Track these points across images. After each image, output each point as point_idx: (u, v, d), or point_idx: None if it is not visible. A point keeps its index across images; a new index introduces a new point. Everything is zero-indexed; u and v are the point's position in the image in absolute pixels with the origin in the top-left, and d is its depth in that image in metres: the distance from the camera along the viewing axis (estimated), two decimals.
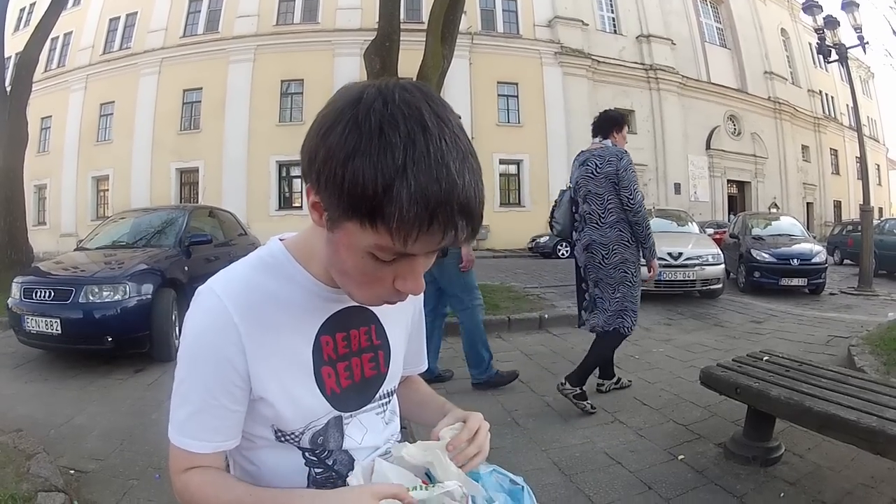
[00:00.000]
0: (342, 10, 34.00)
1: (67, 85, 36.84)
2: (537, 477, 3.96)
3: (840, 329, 9.12)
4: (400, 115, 0.93)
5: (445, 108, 1.00)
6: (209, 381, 1.17)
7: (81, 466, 4.39)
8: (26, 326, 7.34)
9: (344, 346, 1.29)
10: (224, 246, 10.57)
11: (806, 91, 47.86)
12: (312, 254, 1.22)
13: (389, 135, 0.92)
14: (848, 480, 3.90)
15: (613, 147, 5.54)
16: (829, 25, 16.44)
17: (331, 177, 0.96)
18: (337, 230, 1.03)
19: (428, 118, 0.95)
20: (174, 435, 1.21)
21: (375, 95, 0.96)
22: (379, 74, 10.49)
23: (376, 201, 0.93)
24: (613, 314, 5.35)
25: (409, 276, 1.08)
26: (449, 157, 0.94)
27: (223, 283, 1.21)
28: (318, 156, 0.98)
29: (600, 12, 39.20)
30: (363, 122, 0.94)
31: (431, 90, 1.02)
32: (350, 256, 1.05)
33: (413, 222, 0.93)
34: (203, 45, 34.75)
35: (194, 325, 1.18)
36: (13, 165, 13.28)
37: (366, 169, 0.92)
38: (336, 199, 0.97)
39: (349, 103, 0.97)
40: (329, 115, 0.99)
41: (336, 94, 1.04)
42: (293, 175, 33.91)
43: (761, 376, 4.11)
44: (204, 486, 1.19)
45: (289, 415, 1.22)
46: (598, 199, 5.37)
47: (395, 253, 1.01)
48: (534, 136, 34.34)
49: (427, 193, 0.92)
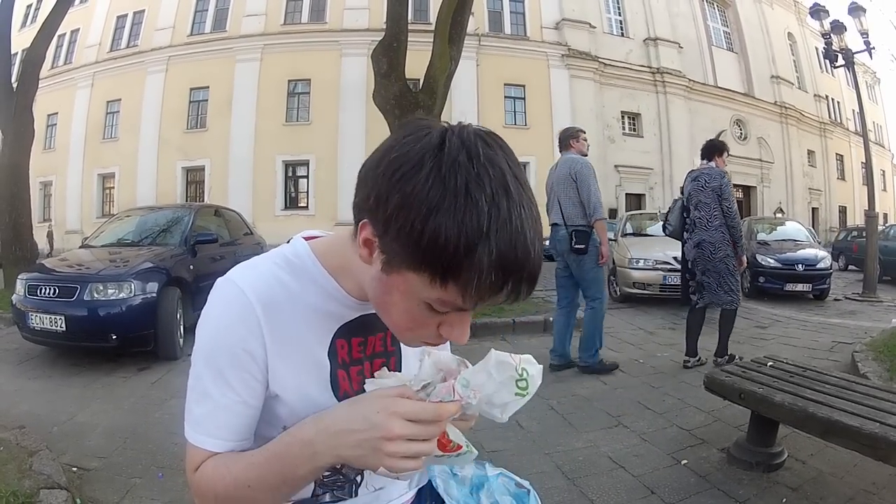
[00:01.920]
0: (350, 11, 34.03)
1: (74, 82, 36.94)
2: (541, 481, 3.95)
3: (844, 335, 9.09)
4: (486, 175, 0.93)
5: (519, 165, 1.00)
6: (230, 376, 1.15)
7: (84, 464, 4.39)
8: (30, 323, 7.35)
9: (359, 350, 1.27)
10: (229, 245, 10.60)
11: (812, 96, 47.73)
12: (345, 269, 1.19)
13: (476, 196, 0.91)
14: (850, 486, 3.89)
15: (716, 168, 7.09)
16: (836, 30, 16.44)
17: (406, 227, 0.94)
18: (394, 275, 1.01)
19: (510, 181, 0.95)
20: (190, 433, 1.19)
21: (459, 147, 0.95)
22: (387, 75, 10.52)
23: (455, 262, 0.93)
24: (725, 294, 6.90)
25: (458, 325, 1.07)
26: (526, 224, 0.95)
27: (245, 276, 1.19)
28: (389, 200, 0.96)
29: (608, 15, 39.17)
30: (448, 176, 0.92)
31: (505, 143, 1.02)
32: (403, 301, 1.04)
33: (486, 288, 0.95)
34: (210, 44, 34.83)
35: (216, 316, 1.17)
36: (19, 162, 13.28)
37: (449, 227, 0.91)
38: (407, 250, 0.96)
39: (430, 150, 0.95)
40: (405, 159, 0.96)
41: (404, 131, 1.01)
42: (299, 175, 34.02)
43: (765, 382, 4.10)
44: (217, 467, 1.15)
45: (303, 416, 1.17)
46: (706, 208, 6.92)
47: (455, 308, 1.01)
48: (540, 139, 34.10)
49: (505, 262, 0.93)
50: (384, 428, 1.02)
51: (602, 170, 35.92)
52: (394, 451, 1.02)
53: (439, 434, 1.07)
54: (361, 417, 1.05)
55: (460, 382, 1.08)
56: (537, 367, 1.14)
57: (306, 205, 33.61)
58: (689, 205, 7.12)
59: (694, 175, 7.22)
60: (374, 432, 1.02)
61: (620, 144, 37.49)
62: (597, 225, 6.67)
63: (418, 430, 1.03)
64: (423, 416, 1.04)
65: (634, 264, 12.13)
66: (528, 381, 1.12)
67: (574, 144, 7.02)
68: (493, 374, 1.10)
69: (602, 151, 36.06)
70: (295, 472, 1.10)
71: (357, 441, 1.04)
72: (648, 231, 14.69)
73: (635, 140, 38.17)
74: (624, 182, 37.09)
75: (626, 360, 7.54)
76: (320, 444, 1.07)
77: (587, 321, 6.99)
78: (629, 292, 12.23)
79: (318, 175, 33.25)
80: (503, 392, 1.11)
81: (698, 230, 6.97)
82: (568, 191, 6.76)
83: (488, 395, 1.10)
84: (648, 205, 35.58)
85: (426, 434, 1.05)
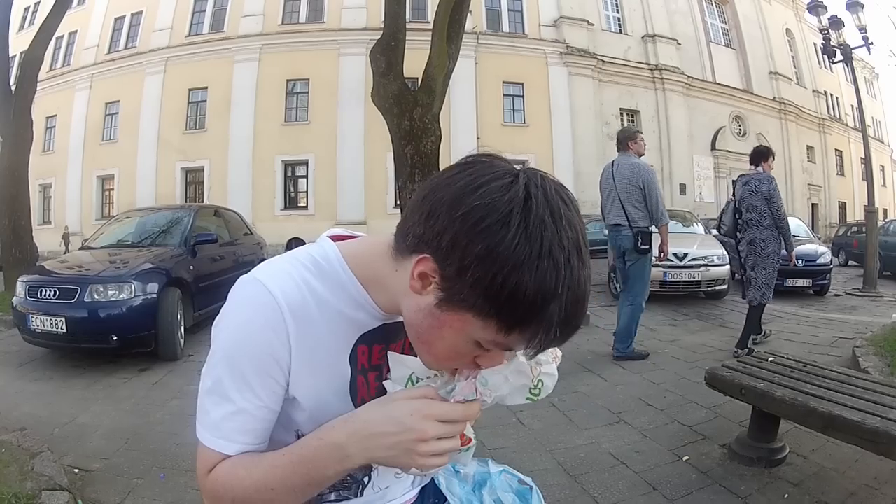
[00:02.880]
0: (347, 10, 33.96)
1: (72, 84, 36.88)
2: (542, 477, 3.95)
3: (844, 330, 9.11)
4: (566, 236, 0.96)
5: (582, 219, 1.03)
6: (253, 380, 1.13)
7: (85, 465, 4.39)
8: (31, 325, 7.35)
9: (379, 357, 1.26)
10: (229, 245, 10.61)
11: (811, 92, 47.67)
12: (378, 282, 1.18)
13: (557, 257, 0.94)
14: (851, 481, 3.90)
15: (765, 173, 7.71)
16: (834, 26, 16.42)
17: (486, 279, 0.94)
18: (449, 312, 1.01)
19: (582, 242, 0.99)
20: (207, 436, 1.16)
21: (545, 205, 0.96)
22: (385, 74, 10.50)
23: (527, 316, 0.96)
24: (764, 286, 7.55)
25: (496, 358, 1.10)
26: (588, 284, 1.00)
27: (274, 277, 1.16)
28: (468, 248, 0.96)
29: (606, 12, 39.10)
30: (534, 235, 0.94)
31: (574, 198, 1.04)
32: (452, 337, 1.04)
33: (549, 340, 1.00)
34: (208, 45, 34.77)
35: (243, 319, 1.14)
36: (18, 164, 13.29)
37: (529, 285, 0.93)
38: (481, 299, 0.97)
39: (518, 205, 0.95)
40: (492, 209, 0.96)
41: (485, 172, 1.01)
42: (298, 175, 34.00)
43: (766, 377, 4.11)
44: (234, 469, 1.14)
45: (319, 421, 1.17)
46: (756, 210, 7.55)
47: (505, 349, 1.05)
48: (539, 137, 34.25)
49: (569, 318, 0.98)
50: (419, 430, 1.06)
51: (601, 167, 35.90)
52: (426, 451, 1.07)
53: (462, 431, 1.12)
54: (395, 420, 1.07)
55: (480, 382, 1.11)
56: (554, 377, 1.20)
57: (306, 204, 33.57)
58: (741, 207, 7.77)
59: (745, 180, 7.83)
60: (408, 434, 1.06)
61: None
62: (662, 229, 7.47)
63: (448, 430, 1.08)
64: (453, 417, 1.09)
65: None
66: (541, 390, 1.18)
67: (632, 146, 7.60)
68: (509, 378, 1.13)
69: (601, 149, 35.97)
70: (323, 473, 1.12)
71: (392, 443, 1.07)
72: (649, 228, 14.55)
73: None
74: None
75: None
76: (352, 446, 1.09)
77: (626, 315, 7.47)
78: None
79: (318, 175, 33.21)
80: (515, 395, 1.16)
81: (750, 229, 7.62)
82: (633, 196, 7.36)
83: (501, 396, 1.14)
84: None
85: (454, 432, 1.10)
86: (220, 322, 1.17)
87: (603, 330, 9.20)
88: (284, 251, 1.28)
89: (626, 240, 7.44)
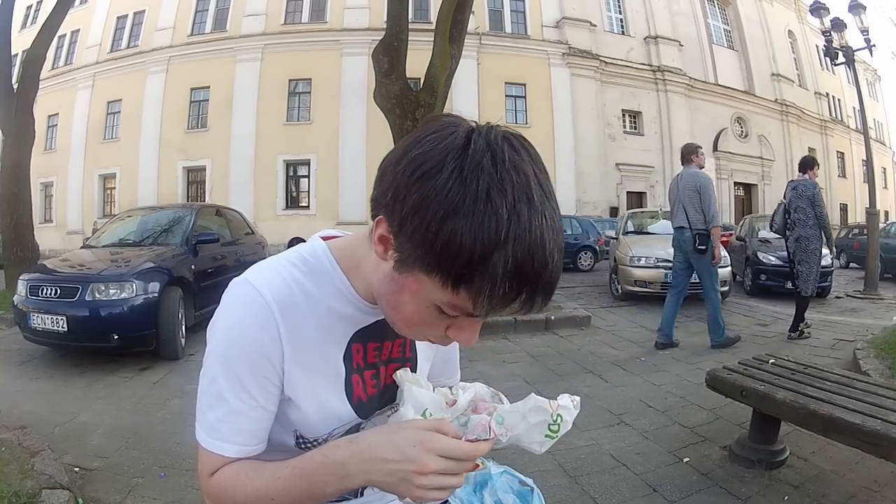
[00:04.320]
0: (350, 10, 33.93)
1: (74, 83, 36.85)
2: (543, 478, 3.94)
3: (845, 332, 9.13)
4: (509, 180, 0.91)
5: (546, 172, 0.99)
6: (247, 380, 1.13)
7: (86, 464, 4.40)
8: (32, 324, 7.36)
9: (374, 355, 1.26)
10: (231, 245, 10.62)
11: (813, 93, 47.61)
12: (357, 266, 1.17)
13: (496, 202, 0.89)
14: (852, 484, 3.90)
15: (810, 180, 8.79)
16: (837, 28, 16.42)
17: (421, 228, 0.92)
18: (406, 274, 1.00)
19: (534, 188, 0.93)
20: (205, 438, 1.16)
21: (484, 149, 0.93)
22: (387, 74, 10.52)
23: (468, 269, 0.91)
24: (810, 280, 8.60)
25: (467, 329, 1.07)
26: (546, 235, 0.93)
27: (263, 277, 1.16)
28: (407, 198, 0.94)
29: (608, 13, 39.09)
30: (469, 179, 0.90)
31: (533, 148, 1.00)
32: (412, 301, 1.03)
33: (499, 297, 0.94)
34: (211, 44, 34.72)
35: (233, 319, 1.14)
36: (20, 163, 13.29)
37: (465, 233, 0.89)
38: (420, 252, 0.95)
39: (453, 150, 0.93)
40: (427, 158, 0.94)
41: (430, 127, 1.00)
42: (300, 175, 33.96)
43: (767, 379, 4.11)
44: (236, 475, 1.14)
45: (315, 420, 1.18)
46: (803, 211, 8.62)
47: (465, 313, 1.00)
48: (541, 137, 34.01)
49: (520, 272, 0.92)
50: (418, 462, 1.03)
51: (603, 168, 35.94)
52: (424, 484, 1.04)
53: (469, 469, 1.09)
54: (398, 449, 1.05)
55: (496, 419, 1.10)
56: (573, 412, 1.17)
57: (307, 204, 33.53)
58: (790, 208, 8.79)
59: (793, 185, 8.93)
60: (407, 465, 1.03)
61: (621, 143, 37.43)
62: (713, 231, 8.02)
63: (451, 466, 1.05)
64: (457, 455, 1.05)
65: (636, 262, 12.13)
66: (559, 426, 1.15)
67: (694, 159, 8.38)
68: (527, 417, 1.13)
69: (603, 150, 36.08)
70: (324, 489, 1.11)
71: (390, 470, 1.05)
72: (650, 229, 14.61)
73: (636, 138, 38.11)
74: (625, 180, 37.03)
75: (627, 358, 7.60)
76: (354, 467, 1.08)
77: (709, 310, 8.27)
78: (631, 290, 12.25)
79: (320, 174, 33.18)
80: (533, 433, 1.14)
81: (797, 228, 8.69)
82: (693, 201, 8.07)
83: (518, 434, 1.13)
84: (649, 203, 35.43)
85: (457, 469, 1.06)
86: (214, 324, 1.17)
87: (604, 331, 9.23)
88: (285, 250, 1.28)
89: (687, 241, 8.16)
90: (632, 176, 37.31)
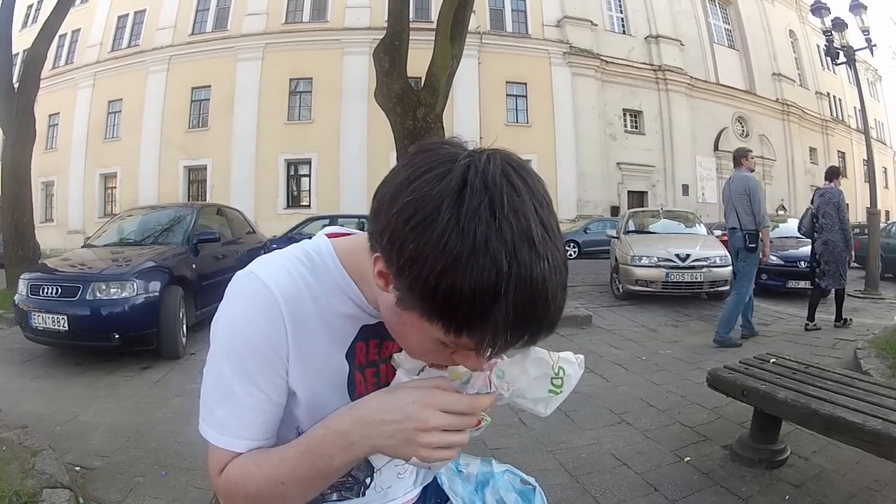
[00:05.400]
0: (351, 9, 34.00)
1: (75, 82, 36.94)
2: (544, 478, 3.94)
3: (846, 332, 9.16)
4: (507, 227, 0.86)
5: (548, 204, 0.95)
6: (256, 374, 1.11)
7: (87, 463, 4.41)
8: (33, 323, 7.36)
9: (375, 352, 1.24)
10: (232, 244, 10.62)
11: (814, 93, 47.64)
12: (363, 274, 1.14)
13: (495, 251, 0.85)
14: (852, 483, 3.91)
15: (835, 188, 9.66)
16: (837, 27, 16.43)
17: (419, 281, 0.89)
18: (407, 311, 0.97)
19: (535, 230, 0.89)
20: (213, 434, 1.14)
21: (482, 193, 0.88)
22: (388, 73, 10.53)
23: (469, 319, 0.89)
24: (841, 278, 9.48)
25: (473, 358, 1.03)
26: (548, 278, 0.89)
27: (268, 270, 1.13)
28: (403, 248, 0.90)
29: (609, 12, 39.12)
30: (467, 229, 0.86)
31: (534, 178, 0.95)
32: (416, 335, 1.01)
33: (502, 342, 0.93)
34: (212, 43, 34.79)
35: (240, 313, 1.12)
36: (21, 162, 13.32)
37: (464, 285, 0.86)
38: (419, 302, 0.92)
39: (449, 196, 0.88)
40: (421, 205, 0.89)
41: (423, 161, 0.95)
42: (301, 174, 34.09)
43: (768, 378, 4.11)
44: (245, 466, 1.13)
45: (317, 416, 1.15)
46: (829, 217, 9.37)
47: (470, 350, 0.98)
48: (542, 137, 34.20)
49: (522, 320, 0.90)
50: (419, 419, 1.03)
51: (604, 168, 35.92)
52: (428, 442, 1.03)
53: (473, 425, 1.08)
54: (397, 408, 1.05)
55: (496, 373, 1.10)
56: (576, 367, 1.16)
57: (308, 203, 33.55)
58: (818, 214, 9.54)
59: (821, 192, 9.73)
60: (409, 423, 1.03)
61: (622, 142, 37.48)
62: (763, 231, 8.42)
63: (453, 421, 1.05)
64: (458, 408, 1.05)
65: (637, 262, 12.08)
66: (563, 380, 1.15)
67: (744, 162, 8.78)
68: (528, 369, 1.12)
69: (604, 149, 36.08)
70: (330, 463, 1.09)
71: (392, 431, 1.04)
72: (651, 228, 14.53)
73: (637, 138, 38.14)
74: (626, 180, 37.07)
75: (628, 358, 7.57)
76: (356, 433, 1.07)
77: (730, 304, 8.57)
78: (632, 290, 12.19)
79: (321, 173, 33.30)
80: (536, 388, 1.13)
81: (825, 232, 9.43)
82: (743, 203, 8.46)
83: (521, 388, 1.12)
84: (650, 202, 35.57)
85: (461, 425, 1.06)
86: (219, 317, 1.15)
87: (605, 331, 9.23)
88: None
89: (738, 240, 8.52)
90: (633, 175, 37.34)
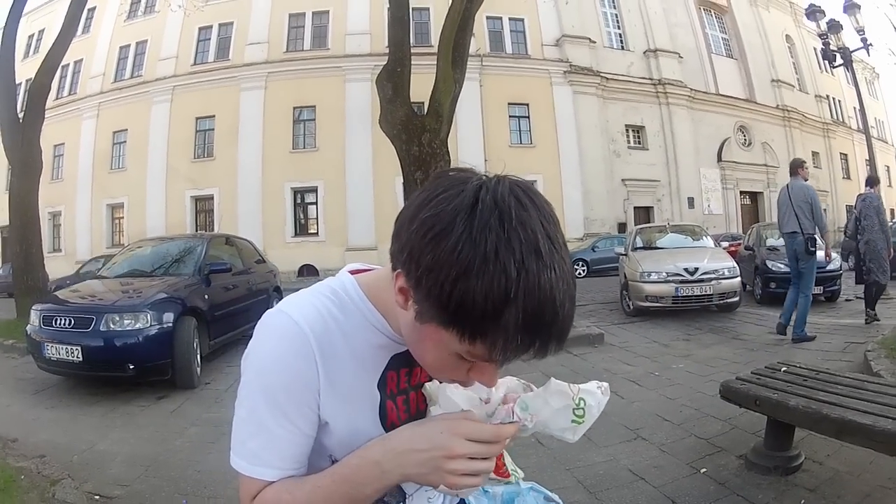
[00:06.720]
0: (351, 36, 34.20)
1: (79, 112, 37.16)
2: (563, 496, 3.87)
3: (856, 335, 9.13)
4: (516, 238, 0.94)
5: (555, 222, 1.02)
6: (288, 408, 1.15)
7: (107, 492, 4.43)
8: (46, 353, 7.42)
9: (405, 381, 1.30)
10: (243, 274, 10.69)
11: (813, 97, 47.56)
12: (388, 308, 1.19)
13: (505, 260, 0.93)
14: (866, 484, 3.92)
15: (874, 193, 10.52)
16: (833, 29, 16.56)
17: (435, 288, 0.96)
18: (425, 325, 1.03)
19: (542, 242, 0.96)
20: (245, 465, 1.18)
21: (492, 208, 0.96)
22: (392, 100, 10.59)
23: (482, 325, 0.96)
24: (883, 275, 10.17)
25: (487, 372, 1.11)
26: (555, 287, 0.96)
27: (297, 308, 1.19)
28: (421, 259, 0.98)
29: (607, 29, 39.22)
30: (479, 239, 0.93)
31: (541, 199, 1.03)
32: (435, 350, 1.07)
33: (513, 348, 0.98)
34: (214, 73, 35.01)
35: (272, 349, 1.16)
36: (28, 192, 13.42)
37: (476, 292, 0.93)
38: (436, 310, 0.99)
39: (462, 211, 0.96)
40: (437, 220, 0.97)
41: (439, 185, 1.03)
42: (308, 202, 34.17)
43: (780, 387, 4.13)
44: (278, 493, 1.17)
45: (351, 446, 1.20)
46: (870, 219, 10.19)
47: (483, 360, 1.04)
48: (546, 156, 34.25)
49: (531, 325, 0.96)
50: (446, 447, 1.08)
51: (609, 185, 35.88)
52: (454, 469, 1.08)
53: (498, 453, 1.14)
54: (426, 438, 1.11)
55: (519, 405, 1.16)
56: (598, 397, 1.21)
57: (316, 231, 33.66)
58: (860, 217, 10.38)
59: (863, 198, 10.60)
60: (436, 451, 1.09)
61: (626, 158, 37.48)
62: (826, 236, 9.41)
63: (479, 449, 1.10)
64: (483, 437, 1.11)
65: (646, 278, 12.06)
66: (584, 411, 1.19)
67: (800, 172, 9.61)
68: (549, 401, 1.17)
69: (608, 166, 36.11)
70: (363, 491, 1.14)
71: (421, 460, 1.10)
72: (658, 244, 14.52)
73: (641, 153, 38.13)
74: (631, 196, 37.04)
75: (642, 374, 7.57)
76: (387, 462, 1.12)
77: (801, 307, 9.13)
78: (642, 306, 12.17)
79: (327, 201, 33.33)
80: (559, 419, 1.18)
81: (867, 233, 10.23)
82: (804, 210, 9.14)
83: (544, 420, 1.18)
84: (657, 217, 35.53)
85: (486, 453, 1.11)
86: (250, 354, 1.19)
87: (617, 348, 9.23)
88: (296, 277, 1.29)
89: (800, 244, 9.07)
90: (638, 191, 37.33)
